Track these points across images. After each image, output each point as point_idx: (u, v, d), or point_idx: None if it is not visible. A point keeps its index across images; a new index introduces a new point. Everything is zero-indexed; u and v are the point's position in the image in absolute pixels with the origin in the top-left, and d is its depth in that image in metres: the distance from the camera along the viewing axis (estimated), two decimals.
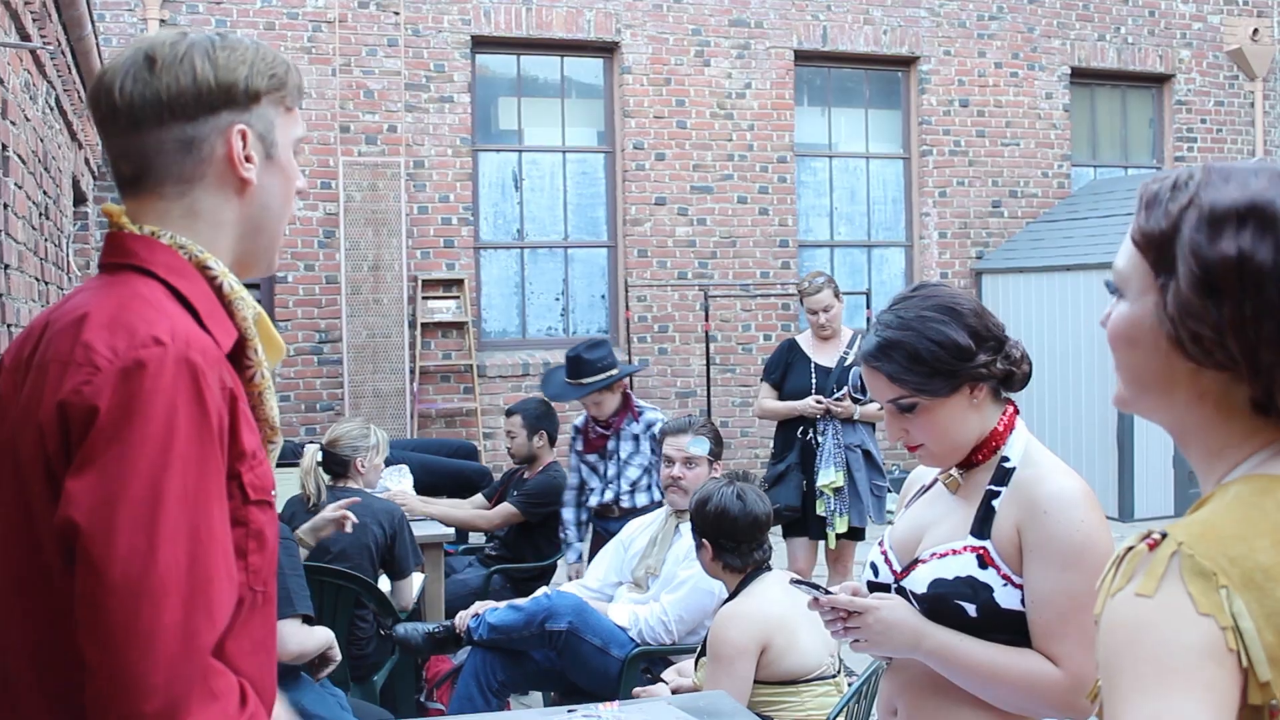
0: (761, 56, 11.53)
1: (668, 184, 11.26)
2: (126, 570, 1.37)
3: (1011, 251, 11.92)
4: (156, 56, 1.62)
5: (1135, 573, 1.22)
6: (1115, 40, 12.76)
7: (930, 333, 2.31)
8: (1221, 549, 1.20)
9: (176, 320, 1.52)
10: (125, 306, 1.52)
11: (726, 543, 3.82)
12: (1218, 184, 1.30)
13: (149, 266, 1.60)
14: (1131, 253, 1.36)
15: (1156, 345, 1.32)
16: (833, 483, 6.32)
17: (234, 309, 1.65)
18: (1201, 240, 1.27)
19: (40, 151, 5.32)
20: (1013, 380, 2.39)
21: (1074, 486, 2.27)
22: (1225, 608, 1.16)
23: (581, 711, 3.12)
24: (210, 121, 1.63)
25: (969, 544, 2.28)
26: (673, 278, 11.24)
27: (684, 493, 4.82)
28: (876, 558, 2.47)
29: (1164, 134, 13.19)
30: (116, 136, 1.64)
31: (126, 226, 1.64)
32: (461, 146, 10.74)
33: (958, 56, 12.17)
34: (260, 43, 1.72)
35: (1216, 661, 1.15)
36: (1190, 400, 1.33)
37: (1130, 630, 1.20)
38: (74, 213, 7.83)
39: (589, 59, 11.35)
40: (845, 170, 12.20)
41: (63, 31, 5.96)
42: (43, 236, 5.34)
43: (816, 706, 3.62)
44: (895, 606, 2.30)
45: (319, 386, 10.37)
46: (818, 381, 6.47)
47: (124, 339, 1.47)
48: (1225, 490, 1.29)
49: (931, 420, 2.33)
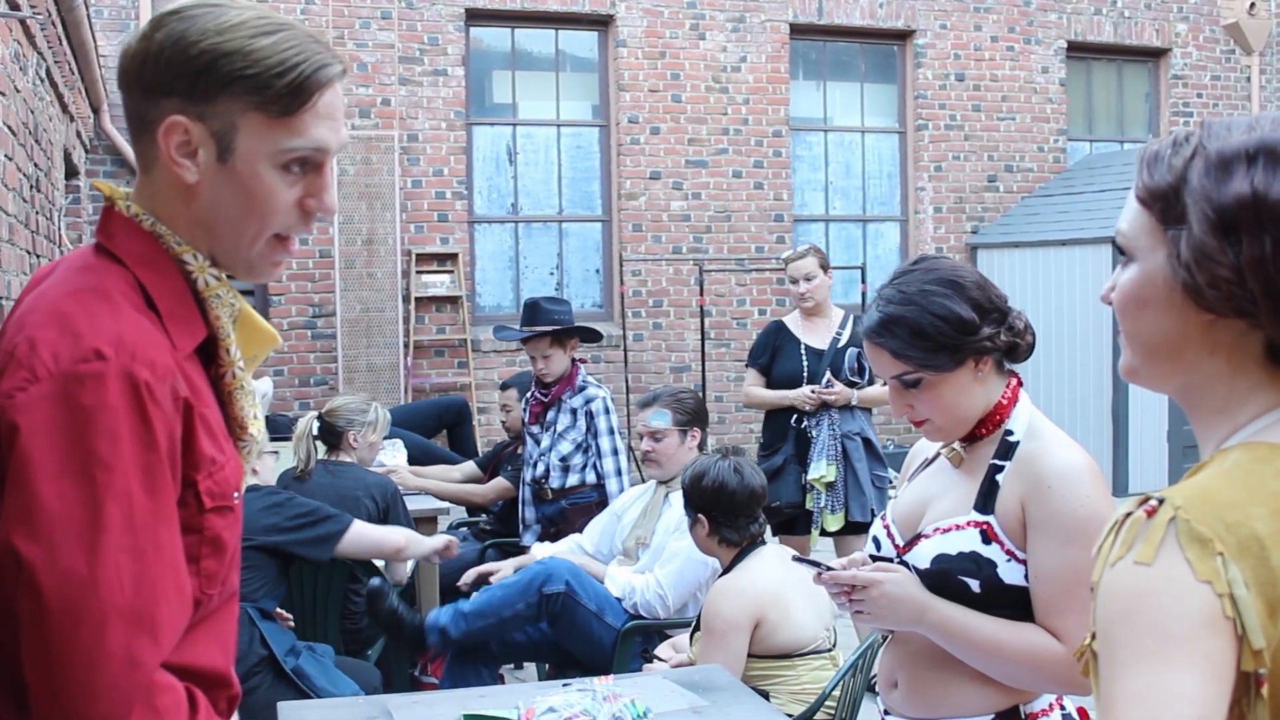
0: (757, 30, 11.48)
1: (662, 158, 11.23)
2: (65, 594, 1.34)
3: (1007, 226, 11.91)
4: (166, 16, 1.53)
5: (1135, 540, 1.21)
6: (1112, 14, 12.72)
7: (933, 307, 2.28)
8: (1218, 515, 1.19)
9: (127, 325, 1.44)
10: (82, 303, 1.45)
11: (724, 517, 3.81)
12: (1220, 133, 1.29)
13: (120, 255, 1.54)
14: (1137, 211, 1.34)
15: (1170, 301, 1.30)
16: (823, 477, 5.84)
17: (208, 307, 1.58)
18: (1211, 184, 1.26)
19: (30, 123, 5.28)
20: (1017, 351, 2.38)
21: (1078, 460, 2.25)
22: (1222, 574, 1.16)
23: (576, 685, 3.11)
24: (158, 103, 1.52)
25: (972, 519, 2.27)
26: (667, 252, 11.22)
27: (658, 465, 4.84)
28: (879, 532, 2.46)
29: (1160, 108, 13.17)
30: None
31: (118, 205, 1.57)
32: (455, 120, 10.70)
33: (954, 30, 12.13)
34: (294, 41, 1.54)
35: (1214, 630, 1.15)
36: (1202, 354, 1.31)
37: (1129, 599, 1.19)
38: (65, 185, 7.79)
39: (583, 32, 11.31)
40: (840, 144, 12.17)
41: (53, 2, 5.91)
42: (34, 209, 5.31)
43: (811, 680, 3.62)
44: (900, 580, 2.29)
45: (313, 361, 10.35)
46: (809, 365, 5.99)
47: (68, 346, 1.40)
48: (1224, 456, 1.28)
49: (937, 395, 2.31)
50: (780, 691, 3.60)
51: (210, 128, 1.52)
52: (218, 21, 1.51)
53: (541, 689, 3.24)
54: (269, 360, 9.12)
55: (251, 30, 1.52)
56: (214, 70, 1.50)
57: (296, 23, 1.57)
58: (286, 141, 1.54)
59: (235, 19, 1.52)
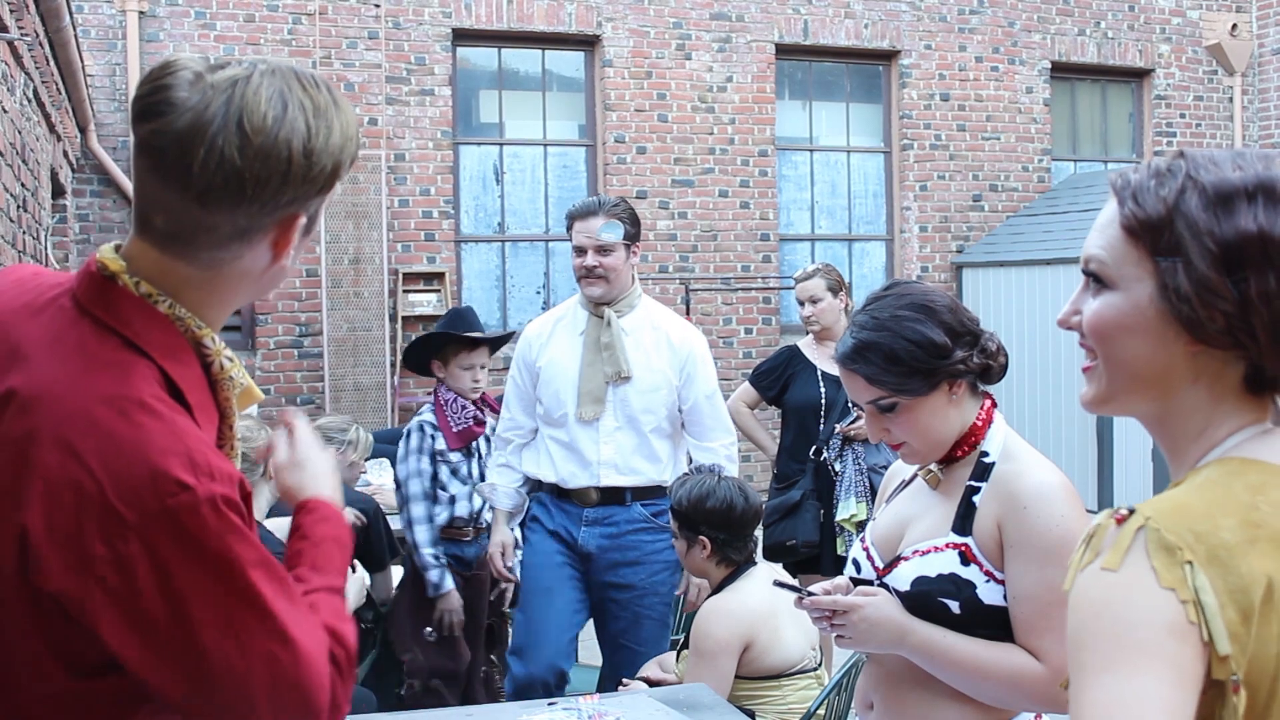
0: (743, 50, 11.53)
1: (649, 177, 11.25)
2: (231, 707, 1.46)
3: (992, 245, 11.95)
4: (250, 129, 1.42)
5: (1102, 548, 1.23)
6: (1095, 35, 12.79)
7: (906, 332, 2.31)
8: (1188, 524, 1.21)
9: (187, 439, 1.42)
10: (130, 420, 1.40)
11: (730, 538, 3.74)
12: (1209, 166, 1.31)
13: (144, 345, 1.47)
14: (1119, 240, 1.36)
15: (1158, 330, 1.32)
16: (854, 516, 5.35)
17: (219, 388, 1.57)
18: (1211, 219, 1.28)
19: (18, 143, 5.29)
20: (990, 373, 2.40)
21: (1053, 481, 2.27)
22: (1188, 581, 1.17)
23: (561, 704, 3.12)
24: (281, 213, 1.49)
25: (951, 540, 2.29)
26: (654, 271, 11.24)
27: (605, 282, 4.46)
28: (859, 554, 2.48)
29: (1144, 129, 13.24)
30: (168, 188, 1.45)
31: (124, 281, 1.49)
32: (442, 140, 10.71)
33: (939, 50, 12.19)
34: (342, 100, 1.54)
35: (1179, 637, 1.16)
36: (1183, 383, 1.34)
37: (1095, 605, 1.21)
38: (52, 205, 7.79)
39: (570, 52, 11.34)
40: (826, 164, 12.21)
41: (40, 23, 5.93)
42: (21, 229, 5.31)
43: (798, 700, 3.62)
44: (880, 604, 2.30)
45: (299, 380, 10.34)
46: (827, 392, 5.56)
47: (144, 480, 1.37)
48: (1197, 473, 1.30)
49: (912, 419, 2.34)
50: (767, 711, 3.60)
51: (310, 212, 1.55)
52: (304, 108, 1.47)
53: (527, 709, 3.25)
54: (256, 378, 9.09)
55: (333, 108, 1.51)
56: (337, 167, 1.51)
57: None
58: (320, 206, 1.59)
59: (311, 102, 1.48)
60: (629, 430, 4.46)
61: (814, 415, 5.61)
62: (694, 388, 4.51)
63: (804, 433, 5.65)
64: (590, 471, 4.46)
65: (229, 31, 10.06)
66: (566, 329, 4.60)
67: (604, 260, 4.45)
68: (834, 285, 5.66)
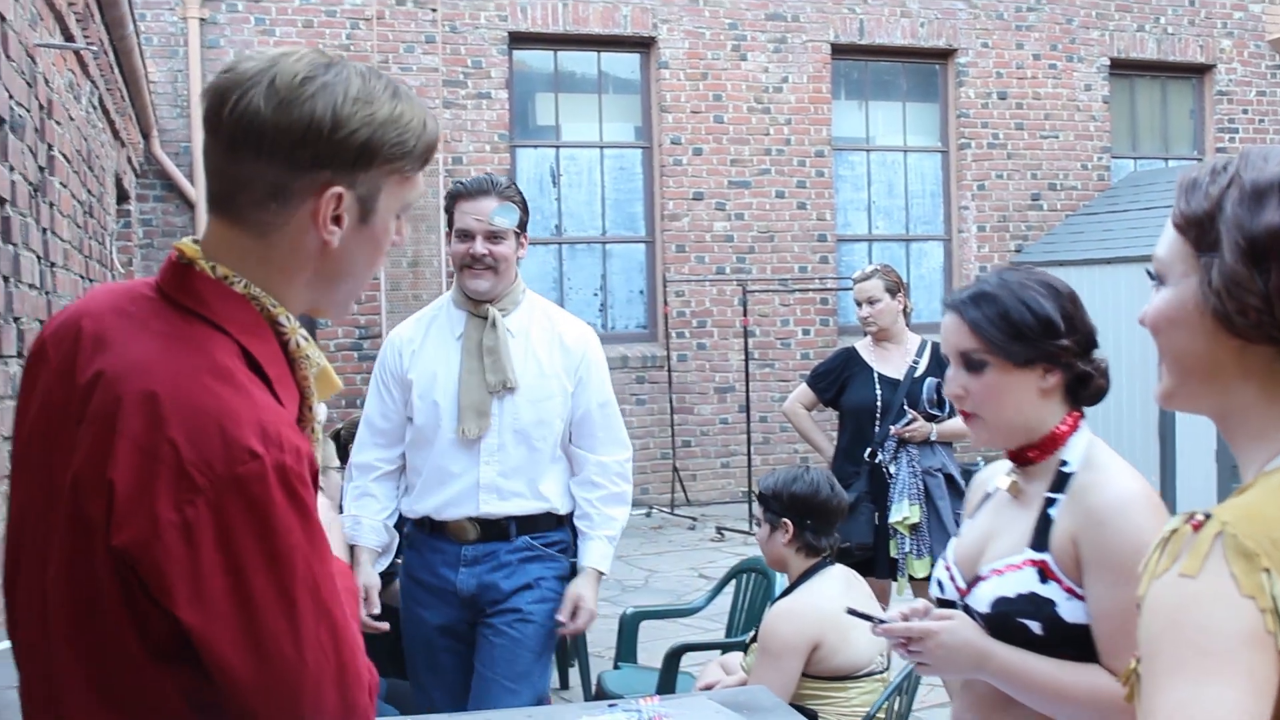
0: (798, 50, 11.51)
1: (705, 179, 11.26)
2: (280, 686, 1.46)
3: (1051, 245, 11.85)
4: (280, 83, 1.50)
5: (1180, 553, 1.21)
6: (1155, 31, 12.66)
7: (1026, 298, 2.27)
8: (1265, 531, 1.19)
9: (263, 410, 1.46)
10: (209, 389, 1.45)
11: (814, 523, 3.74)
12: (1257, 163, 1.31)
13: (222, 323, 1.52)
14: (1173, 238, 1.37)
15: (1201, 325, 1.32)
16: (907, 519, 5.37)
17: (297, 367, 1.60)
18: (1244, 213, 1.28)
19: (84, 150, 5.37)
20: (1088, 385, 2.32)
21: (1134, 490, 2.20)
22: (1266, 589, 1.16)
23: (622, 706, 3.13)
24: (308, 175, 1.52)
25: (1028, 557, 2.21)
26: (711, 273, 11.24)
27: (494, 274, 3.86)
28: (942, 575, 2.40)
29: (1205, 125, 13.09)
30: (215, 149, 1.54)
31: (200, 265, 1.55)
32: (499, 143, 10.77)
33: (996, 48, 12.11)
34: (409, 97, 1.59)
35: (1256, 646, 1.15)
36: (1235, 380, 1.33)
37: (1172, 612, 1.19)
38: (117, 210, 7.90)
39: (626, 54, 11.37)
40: (883, 164, 12.17)
41: (105, 32, 6.02)
42: (87, 235, 5.39)
43: (861, 703, 3.60)
44: (957, 629, 2.24)
45: (359, 382, 10.41)
46: (883, 394, 5.54)
47: (218, 448, 1.41)
48: (1269, 477, 1.28)
49: (995, 388, 2.28)
50: (829, 712, 3.59)
51: (358, 193, 1.57)
52: (348, 84, 1.53)
53: (587, 709, 3.26)
54: None
55: (385, 94, 1.56)
56: (372, 142, 1.54)
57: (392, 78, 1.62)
58: (410, 195, 1.64)
59: (369, 86, 1.55)
60: (518, 447, 3.83)
61: (870, 417, 5.58)
62: (587, 394, 3.92)
63: (860, 435, 5.62)
64: (468, 499, 3.82)
65: (288, 37, 10.17)
66: (440, 332, 3.99)
67: (494, 248, 3.83)
68: (892, 286, 5.62)
